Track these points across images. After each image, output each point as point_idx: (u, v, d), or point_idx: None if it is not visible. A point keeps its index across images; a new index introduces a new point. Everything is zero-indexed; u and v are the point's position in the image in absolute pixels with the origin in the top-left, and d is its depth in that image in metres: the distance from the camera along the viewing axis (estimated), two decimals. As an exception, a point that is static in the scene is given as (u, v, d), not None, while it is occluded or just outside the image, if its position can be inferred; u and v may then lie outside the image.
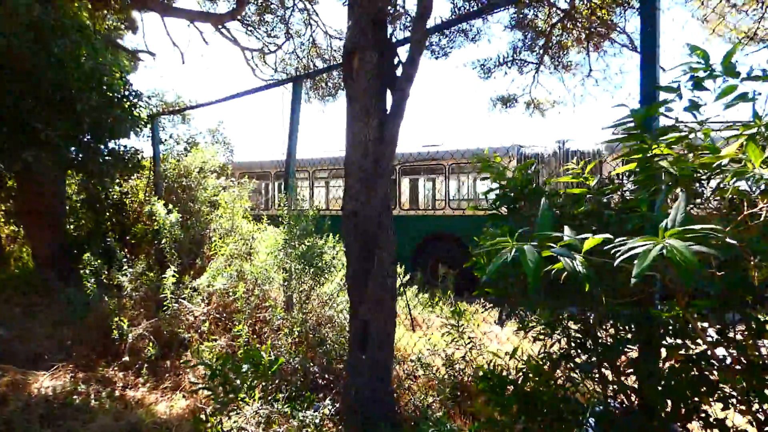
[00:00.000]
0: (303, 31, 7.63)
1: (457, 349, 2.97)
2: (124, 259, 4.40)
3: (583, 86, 7.45)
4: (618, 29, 6.04)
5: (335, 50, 7.70)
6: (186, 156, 6.06)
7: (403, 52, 2.62)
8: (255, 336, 3.50)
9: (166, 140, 6.37)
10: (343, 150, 2.56)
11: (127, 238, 6.08)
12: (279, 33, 7.57)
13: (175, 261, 4.34)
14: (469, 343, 3.04)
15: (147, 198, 5.97)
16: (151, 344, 3.51)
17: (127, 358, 3.44)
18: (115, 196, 6.44)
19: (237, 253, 4.15)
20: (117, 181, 5.59)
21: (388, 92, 2.54)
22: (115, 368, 3.40)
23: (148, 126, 5.78)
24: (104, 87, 4.11)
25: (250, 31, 7.61)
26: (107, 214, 6.35)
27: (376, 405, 2.40)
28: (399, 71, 2.51)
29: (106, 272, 4.40)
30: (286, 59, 7.93)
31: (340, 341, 3.34)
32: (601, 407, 1.51)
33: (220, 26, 7.59)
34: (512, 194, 1.72)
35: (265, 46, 7.92)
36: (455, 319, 3.15)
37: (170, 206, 4.66)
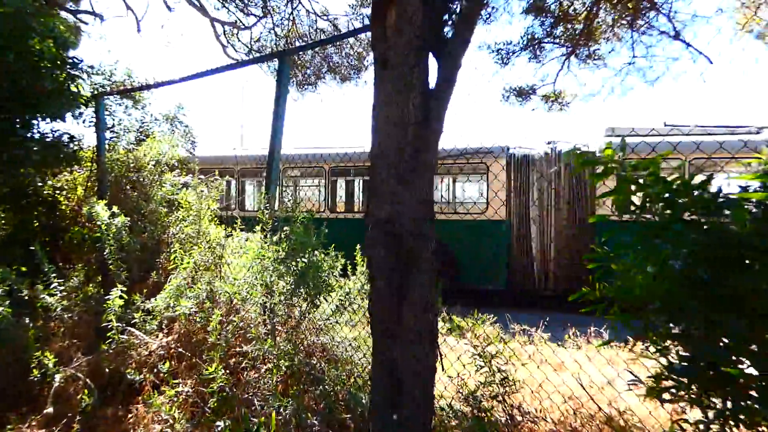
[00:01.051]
0: (282, 8, 6.77)
1: (502, 387, 2.37)
2: (53, 272, 3.47)
3: (618, 77, 6.62)
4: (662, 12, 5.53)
5: (322, 31, 6.86)
6: (138, 146, 5.10)
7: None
8: (229, 373, 2.73)
9: (113, 126, 5.35)
10: (319, 147, 1.89)
11: (60, 243, 5.02)
12: (255, 9, 6.62)
13: (122, 275, 3.46)
14: (503, 378, 2.47)
15: (87, 195, 4.96)
16: (86, 390, 2.65)
17: (50, 410, 2.56)
18: (45, 192, 5.33)
19: (204, 265, 3.34)
20: (47, 173, 4.55)
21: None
22: (34, 424, 2.52)
23: (90, 108, 4.79)
24: (28, 48, 3.14)
25: (223, 2, 6.63)
26: (35, 213, 5.24)
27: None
28: (447, 32, 1.88)
29: (27, 289, 3.44)
30: (262, 39, 7.00)
31: (341, 379, 2.66)
32: None
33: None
34: (683, 202, 1.13)
35: (239, 21, 6.94)
36: (479, 342, 2.56)
37: (116, 207, 3.76)
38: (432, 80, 1.83)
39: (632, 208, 1.25)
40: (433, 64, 1.84)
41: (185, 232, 3.83)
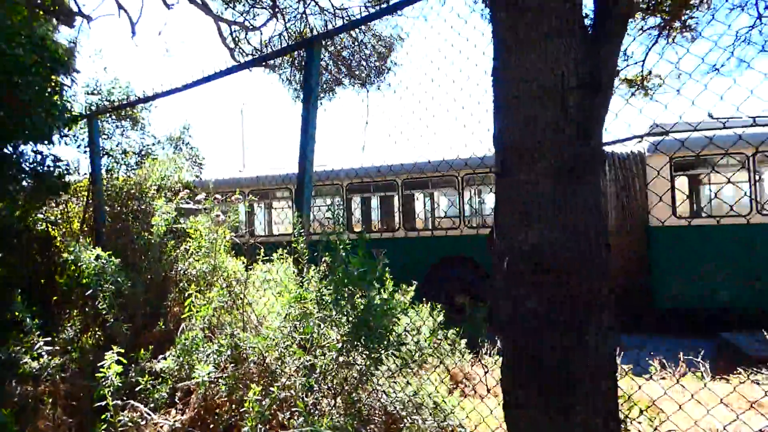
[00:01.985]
0: (293, 7, 6.15)
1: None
2: (44, 323, 2.81)
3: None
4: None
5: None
6: (138, 171, 4.49)
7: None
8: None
9: (111, 150, 4.75)
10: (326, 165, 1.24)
11: (57, 285, 4.36)
12: (264, 8, 5.99)
13: (121, 326, 2.78)
14: None
15: (82, 229, 4.33)
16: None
17: None
18: (40, 227, 4.70)
19: (224, 309, 2.66)
20: (29, 205, 3.91)
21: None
22: None
23: (83, 128, 4.20)
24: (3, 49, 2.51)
25: (228, 2, 6.01)
26: (28, 254, 4.60)
27: None
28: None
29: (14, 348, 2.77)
30: (273, 41, 6.39)
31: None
32: None
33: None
34: None
35: (247, 21, 6.35)
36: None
37: (115, 241, 3.12)
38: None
39: None
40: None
41: (196, 267, 3.15)
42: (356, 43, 5.47)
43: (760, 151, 5.38)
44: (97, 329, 3.36)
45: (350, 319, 1.82)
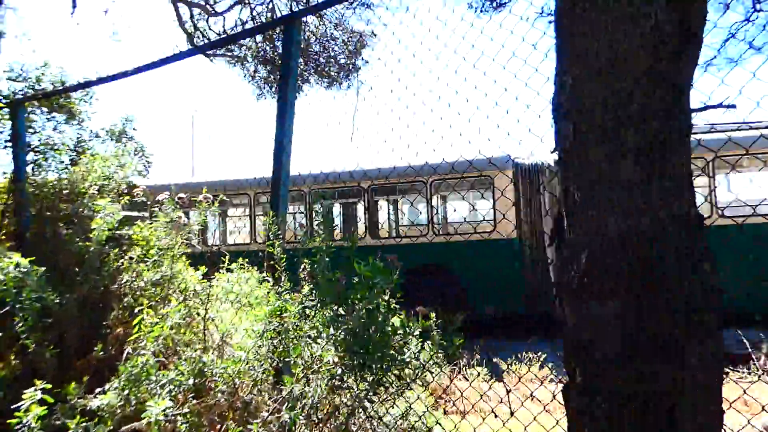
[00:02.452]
0: None
1: None
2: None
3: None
4: None
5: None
6: (74, 168, 3.88)
7: None
8: None
9: (41, 145, 4.09)
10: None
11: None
12: None
13: (45, 353, 2.26)
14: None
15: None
16: None
17: None
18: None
19: (184, 326, 2.22)
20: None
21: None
22: None
23: (4, 119, 3.58)
24: None
25: None
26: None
27: None
28: None
29: None
30: (238, 31, 5.81)
31: None
32: None
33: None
34: None
35: (209, 5, 5.76)
36: None
37: (44, 246, 2.58)
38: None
39: None
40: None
41: (146, 277, 2.67)
42: (326, 38, 5.18)
43: (719, 156, 5.62)
44: (13, 357, 2.75)
45: (350, 337, 1.49)
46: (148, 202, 3.83)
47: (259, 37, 5.01)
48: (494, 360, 4.35)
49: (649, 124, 0.86)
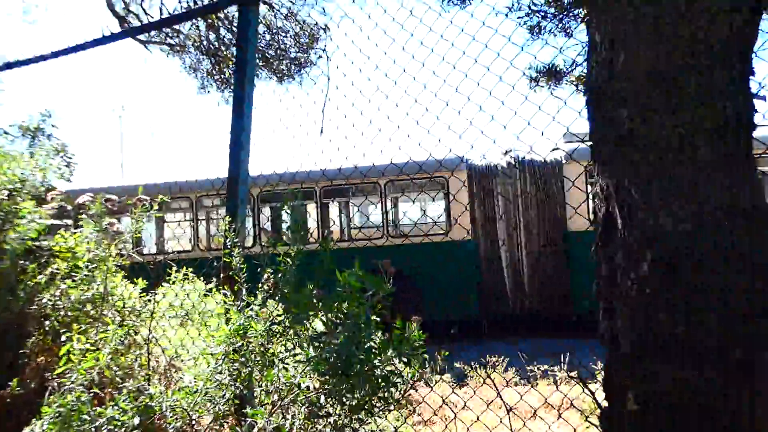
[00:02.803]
0: None
1: None
2: None
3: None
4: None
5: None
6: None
7: None
8: None
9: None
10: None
11: None
12: None
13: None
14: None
15: None
16: None
17: None
18: None
19: (122, 351, 1.90)
20: None
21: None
22: None
23: None
24: None
25: None
26: None
27: None
28: None
29: None
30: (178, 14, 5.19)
31: None
32: None
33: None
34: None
35: None
36: None
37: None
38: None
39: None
40: None
41: (74, 296, 2.29)
42: (276, 30, 4.85)
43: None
44: None
45: (334, 358, 1.30)
46: (69, 208, 3.36)
47: (202, 25, 4.59)
48: (455, 364, 4.31)
49: (724, 102, 0.76)
